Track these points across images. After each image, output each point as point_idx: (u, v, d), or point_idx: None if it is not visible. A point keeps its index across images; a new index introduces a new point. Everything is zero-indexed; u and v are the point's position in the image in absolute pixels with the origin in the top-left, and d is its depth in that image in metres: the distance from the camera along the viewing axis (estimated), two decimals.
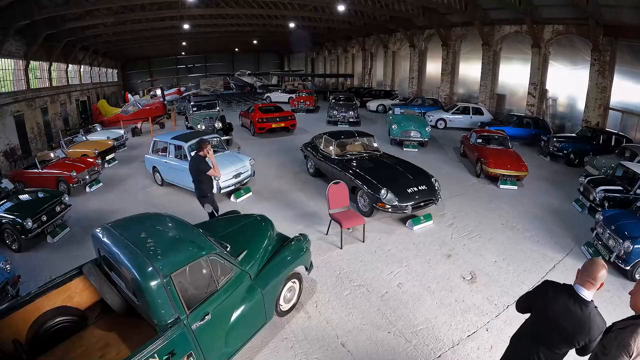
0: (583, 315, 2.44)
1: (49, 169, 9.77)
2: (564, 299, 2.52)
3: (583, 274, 2.51)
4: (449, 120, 17.19)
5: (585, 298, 2.47)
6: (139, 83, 40.77)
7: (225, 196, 8.78)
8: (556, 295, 2.59)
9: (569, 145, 11.75)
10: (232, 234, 4.74)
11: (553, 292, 2.63)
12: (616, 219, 6.07)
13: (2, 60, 15.00)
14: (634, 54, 12.31)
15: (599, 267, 2.46)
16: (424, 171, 8.03)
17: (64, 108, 21.17)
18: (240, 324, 3.84)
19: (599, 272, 2.45)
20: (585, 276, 2.49)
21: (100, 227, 3.85)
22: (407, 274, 5.67)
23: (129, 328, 3.84)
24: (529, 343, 2.70)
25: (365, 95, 25.02)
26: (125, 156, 13.53)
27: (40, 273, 5.97)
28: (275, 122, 15.67)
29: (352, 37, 31.13)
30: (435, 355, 4.14)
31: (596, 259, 2.56)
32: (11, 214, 6.75)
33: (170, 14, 17.66)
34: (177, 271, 3.29)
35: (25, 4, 12.64)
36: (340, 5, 16.85)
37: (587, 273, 2.49)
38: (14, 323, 3.49)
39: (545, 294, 2.67)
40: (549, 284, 2.73)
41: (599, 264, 2.47)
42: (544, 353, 2.59)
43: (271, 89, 31.63)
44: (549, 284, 2.74)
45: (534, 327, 2.73)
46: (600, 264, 2.47)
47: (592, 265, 2.50)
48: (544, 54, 15.46)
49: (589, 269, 2.50)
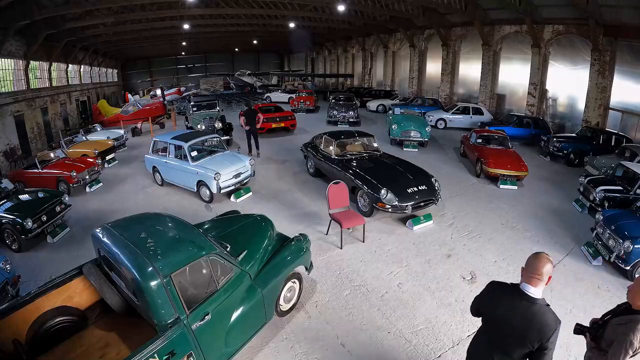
0: (532, 312, 2.32)
1: (49, 169, 9.77)
2: (511, 299, 2.41)
3: (527, 271, 2.38)
4: (449, 120, 17.18)
5: (532, 295, 2.35)
6: (139, 83, 40.75)
7: (225, 196, 8.78)
8: (502, 295, 2.49)
9: (569, 145, 11.74)
10: (232, 234, 4.75)
11: (500, 292, 2.53)
12: (616, 219, 6.07)
13: (2, 60, 15.00)
14: (634, 54, 12.30)
15: (543, 261, 2.34)
16: (424, 171, 8.03)
17: (64, 108, 21.16)
18: (240, 324, 3.84)
19: (544, 267, 2.32)
20: (530, 273, 2.36)
21: (100, 227, 3.85)
22: (407, 274, 5.67)
23: (129, 328, 3.84)
24: (483, 350, 2.59)
25: (365, 95, 25.01)
26: (125, 156, 13.53)
27: (40, 273, 5.97)
28: (275, 122, 15.67)
29: (352, 37, 31.13)
30: (435, 355, 4.14)
31: (539, 253, 2.42)
32: (11, 214, 6.75)
33: (170, 14, 17.66)
34: (177, 271, 3.29)
35: (25, 4, 12.64)
36: (340, 5, 16.85)
37: (532, 269, 2.36)
38: (14, 323, 3.49)
39: (491, 296, 2.58)
40: (496, 285, 2.62)
41: (542, 258, 2.35)
42: (499, 359, 2.47)
43: (271, 89, 31.62)
44: (495, 284, 2.63)
45: (485, 332, 2.64)
46: (544, 258, 2.35)
47: (536, 260, 2.37)
48: (544, 54, 15.46)
49: (533, 265, 2.37)
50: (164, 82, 37.12)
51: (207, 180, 8.30)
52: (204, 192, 8.62)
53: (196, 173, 8.53)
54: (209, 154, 9.35)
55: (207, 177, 8.27)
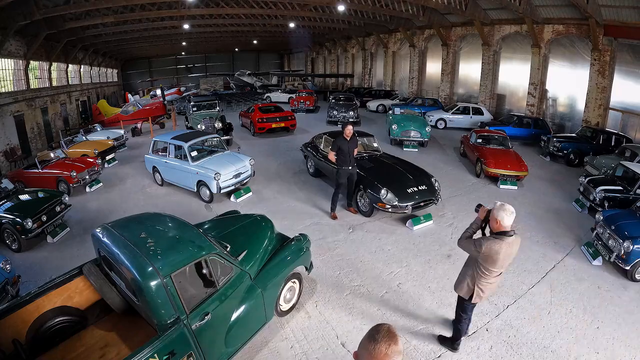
0: None
1: (49, 169, 9.76)
2: None
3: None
4: (449, 120, 17.18)
5: None
6: (139, 83, 40.72)
7: (225, 196, 8.78)
8: None
9: (569, 145, 11.74)
10: (232, 234, 4.74)
11: None
12: (616, 219, 6.07)
13: (2, 60, 15.00)
14: (634, 54, 12.31)
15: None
16: (424, 171, 8.03)
17: (64, 108, 21.16)
18: (240, 324, 3.84)
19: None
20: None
21: (100, 227, 3.85)
22: (407, 274, 5.67)
23: (129, 328, 3.84)
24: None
25: (365, 95, 25.01)
26: (125, 156, 13.53)
27: (40, 273, 5.97)
28: (275, 122, 15.66)
29: (352, 37, 31.12)
30: (435, 355, 4.14)
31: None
32: (11, 214, 6.74)
33: (170, 14, 17.64)
34: (177, 271, 3.29)
35: (25, 4, 12.64)
36: (340, 5, 16.83)
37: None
38: (14, 323, 3.49)
39: None
40: None
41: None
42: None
43: (271, 89, 31.61)
44: None
45: None
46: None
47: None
48: (544, 54, 15.47)
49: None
50: (164, 82, 37.09)
51: (207, 180, 8.30)
52: (204, 192, 8.62)
53: (196, 173, 8.53)
54: (209, 154, 9.35)
55: (207, 177, 8.27)
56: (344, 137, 7.01)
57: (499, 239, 3.37)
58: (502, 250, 3.36)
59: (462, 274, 3.85)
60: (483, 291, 3.66)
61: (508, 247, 3.38)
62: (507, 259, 3.48)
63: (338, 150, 7.04)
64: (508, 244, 3.37)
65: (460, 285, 3.84)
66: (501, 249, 3.35)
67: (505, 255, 3.41)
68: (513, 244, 3.42)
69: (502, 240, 3.36)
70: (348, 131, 6.97)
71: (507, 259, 3.49)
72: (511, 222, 3.37)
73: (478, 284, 3.62)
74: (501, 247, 3.35)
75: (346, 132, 6.98)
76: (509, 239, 3.37)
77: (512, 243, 3.41)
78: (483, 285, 3.63)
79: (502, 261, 3.43)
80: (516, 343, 4.30)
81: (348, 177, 7.27)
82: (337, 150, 7.05)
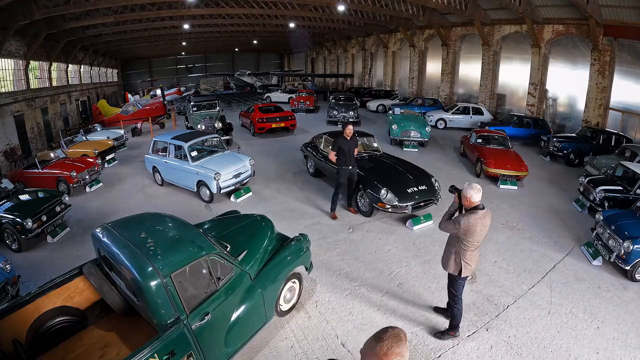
0: None
1: (49, 169, 9.76)
2: None
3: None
4: (449, 120, 17.18)
5: None
6: (139, 83, 40.70)
7: (225, 196, 8.78)
8: None
9: (569, 145, 11.74)
10: (232, 234, 4.74)
11: None
12: (616, 219, 6.07)
13: (2, 60, 14.99)
14: (634, 54, 12.31)
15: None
16: (424, 171, 8.04)
17: (64, 108, 21.16)
18: (240, 324, 3.84)
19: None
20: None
21: (100, 227, 3.85)
22: (407, 274, 5.67)
23: (129, 328, 3.84)
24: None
25: (365, 95, 25.00)
26: (125, 156, 13.53)
27: (40, 273, 5.96)
28: (275, 122, 15.66)
29: (352, 37, 31.12)
30: (435, 355, 4.14)
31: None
32: (11, 214, 6.74)
33: (170, 13, 17.65)
34: (177, 271, 3.29)
35: (25, 4, 12.64)
36: (340, 5, 16.84)
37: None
38: (14, 323, 3.49)
39: None
40: None
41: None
42: None
43: (271, 89, 31.60)
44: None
45: None
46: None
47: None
48: (544, 54, 15.46)
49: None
50: (164, 82, 37.09)
51: (207, 180, 8.30)
52: (204, 192, 8.62)
53: (196, 173, 8.53)
54: (209, 154, 9.35)
55: (207, 177, 8.27)
56: (344, 137, 7.01)
57: (473, 213, 3.84)
58: (479, 222, 3.83)
59: (447, 252, 4.20)
60: (469, 264, 4.02)
61: (482, 219, 3.85)
62: (484, 229, 3.92)
63: (338, 150, 7.04)
64: (482, 216, 3.84)
65: (447, 262, 4.16)
66: (477, 221, 3.82)
67: (482, 227, 3.88)
68: (486, 216, 3.88)
69: (476, 213, 3.83)
70: (348, 131, 6.97)
71: (484, 230, 3.93)
72: (480, 198, 3.84)
73: (463, 258, 4.00)
74: (477, 219, 3.82)
75: (346, 132, 6.99)
76: (481, 212, 3.84)
77: (485, 215, 3.88)
78: (468, 258, 4.00)
79: (480, 233, 3.89)
80: (516, 343, 4.31)
81: (348, 177, 7.27)
82: (337, 150, 7.05)
